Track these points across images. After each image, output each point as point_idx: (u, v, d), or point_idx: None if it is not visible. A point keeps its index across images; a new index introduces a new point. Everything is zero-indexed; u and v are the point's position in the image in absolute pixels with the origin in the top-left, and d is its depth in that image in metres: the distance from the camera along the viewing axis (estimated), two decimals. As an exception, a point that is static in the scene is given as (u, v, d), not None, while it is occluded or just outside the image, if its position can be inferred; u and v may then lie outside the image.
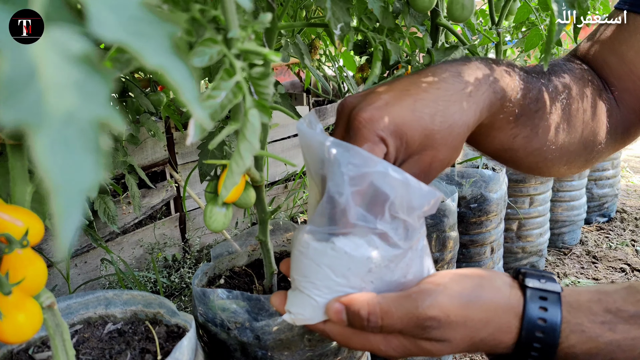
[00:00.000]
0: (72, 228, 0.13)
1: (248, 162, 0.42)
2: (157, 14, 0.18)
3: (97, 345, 0.75)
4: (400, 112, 0.45)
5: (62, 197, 0.13)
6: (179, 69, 0.17)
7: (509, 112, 0.51)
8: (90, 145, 0.14)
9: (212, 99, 0.38)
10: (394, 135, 0.45)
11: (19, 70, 0.13)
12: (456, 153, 0.48)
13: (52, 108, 0.13)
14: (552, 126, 0.55)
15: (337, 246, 0.45)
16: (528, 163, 0.57)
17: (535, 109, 0.53)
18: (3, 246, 0.46)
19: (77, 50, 0.15)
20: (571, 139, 0.57)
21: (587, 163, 0.61)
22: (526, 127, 0.53)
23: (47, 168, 0.13)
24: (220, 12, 0.42)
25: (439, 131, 0.46)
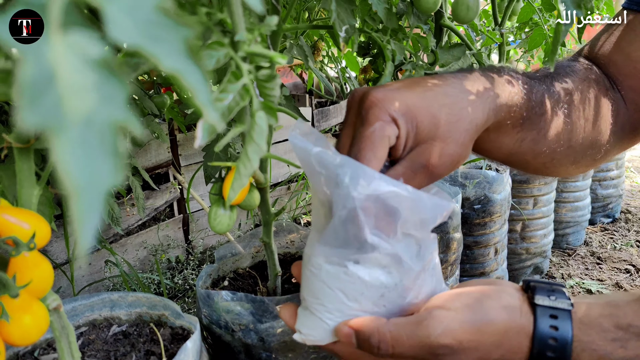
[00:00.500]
0: (92, 230, 0.13)
1: (256, 164, 0.42)
2: (171, 17, 0.18)
3: (102, 347, 0.75)
4: (412, 97, 0.45)
5: (82, 199, 0.13)
6: (194, 72, 0.18)
7: (515, 117, 0.51)
8: (109, 148, 0.14)
9: (219, 102, 0.38)
10: (405, 117, 0.45)
11: (38, 75, 0.13)
12: (464, 151, 0.48)
13: (71, 111, 0.13)
14: (558, 128, 0.55)
15: (350, 271, 0.45)
16: (536, 165, 0.57)
17: (540, 112, 0.53)
18: (10, 249, 0.46)
19: (94, 54, 0.15)
20: (577, 139, 0.57)
21: (594, 162, 0.61)
22: (532, 131, 0.53)
23: (67, 170, 0.13)
24: (227, 15, 0.42)
25: (446, 123, 0.46)
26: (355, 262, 0.45)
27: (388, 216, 0.43)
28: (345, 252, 0.45)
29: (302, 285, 0.50)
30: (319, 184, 0.45)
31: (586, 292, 1.76)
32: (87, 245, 0.13)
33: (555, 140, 0.55)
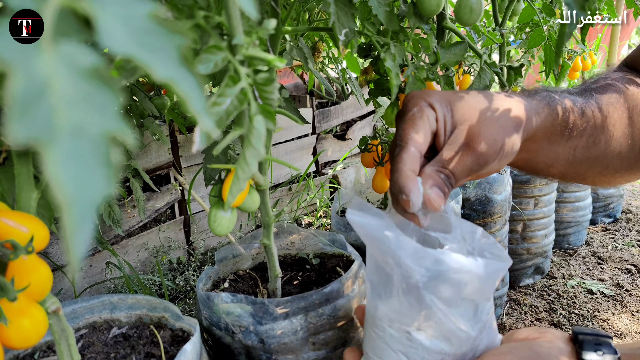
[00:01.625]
0: (84, 241, 0.13)
1: (254, 168, 0.42)
2: (165, 25, 0.18)
3: (102, 349, 0.75)
4: (447, 93, 0.50)
5: (74, 211, 0.13)
6: (187, 80, 0.17)
7: (562, 125, 0.55)
8: (101, 159, 0.14)
9: (217, 106, 0.38)
10: (441, 102, 0.49)
11: (30, 86, 0.13)
12: (505, 135, 0.48)
13: (62, 122, 0.13)
14: (606, 134, 0.58)
15: (413, 337, 0.48)
16: (593, 174, 0.60)
17: (585, 120, 0.56)
18: (8, 252, 0.46)
19: (86, 64, 0.15)
20: (628, 147, 0.59)
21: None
22: (581, 138, 0.56)
23: (59, 182, 0.13)
24: (225, 18, 0.42)
25: (482, 112, 0.48)
26: (418, 329, 0.48)
27: (450, 287, 0.46)
28: (408, 319, 0.48)
29: (365, 342, 0.54)
30: (379, 252, 0.47)
31: (587, 292, 1.76)
32: (78, 256, 0.13)
33: (605, 147, 0.58)
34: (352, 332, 0.84)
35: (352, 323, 0.83)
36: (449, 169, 0.48)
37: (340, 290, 0.81)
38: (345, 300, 0.82)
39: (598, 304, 1.70)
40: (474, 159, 0.47)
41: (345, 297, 0.82)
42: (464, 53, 0.69)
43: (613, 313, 1.64)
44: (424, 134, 0.47)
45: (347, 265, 0.97)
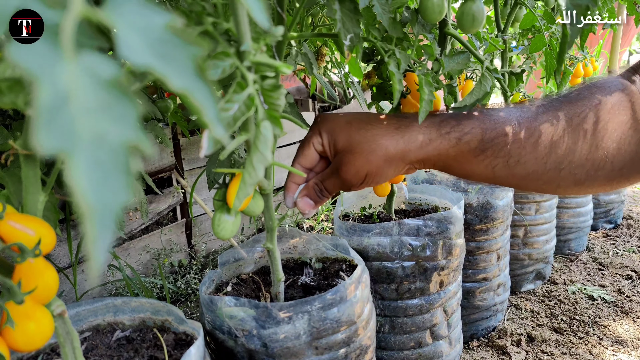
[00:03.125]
0: (105, 247, 0.13)
1: (261, 174, 0.42)
2: (181, 36, 0.18)
3: (105, 352, 0.76)
4: (339, 121, 0.63)
5: (95, 218, 0.13)
6: (202, 91, 0.18)
7: (468, 148, 0.61)
8: (121, 167, 0.14)
9: (225, 112, 0.38)
10: (327, 133, 0.63)
11: (53, 97, 0.14)
12: (372, 169, 0.61)
13: (84, 132, 0.14)
14: (535, 153, 0.60)
15: None
16: (529, 187, 0.63)
17: (502, 142, 0.60)
18: (15, 255, 0.47)
19: (107, 74, 0.15)
20: (569, 161, 0.60)
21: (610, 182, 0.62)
22: (498, 158, 0.61)
23: (81, 191, 0.13)
24: (233, 25, 0.42)
25: (358, 141, 0.61)
26: None
27: None
28: None
29: None
30: None
31: (588, 298, 1.76)
32: (100, 263, 0.13)
33: (534, 164, 0.60)
34: (354, 337, 0.84)
35: (354, 327, 0.84)
36: (324, 185, 0.65)
37: (343, 294, 0.81)
38: (348, 305, 0.82)
39: (599, 310, 1.70)
40: (341, 182, 0.63)
41: (348, 302, 0.82)
42: (467, 62, 0.69)
43: (614, 319, 1.64)
44: (307, 155, 0.65)
45: (350, 270, 0.97)
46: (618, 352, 1.47)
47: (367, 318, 0.88)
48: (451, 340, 1.25)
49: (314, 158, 0.65)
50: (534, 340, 1.52)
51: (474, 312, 1.51)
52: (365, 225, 1.14)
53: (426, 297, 1.16)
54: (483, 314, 1.53)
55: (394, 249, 1.11)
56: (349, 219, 1.28)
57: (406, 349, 1.19)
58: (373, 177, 0.62)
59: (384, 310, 1.17)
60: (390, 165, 0.61)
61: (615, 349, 1.49)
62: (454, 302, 1.24)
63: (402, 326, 1.17)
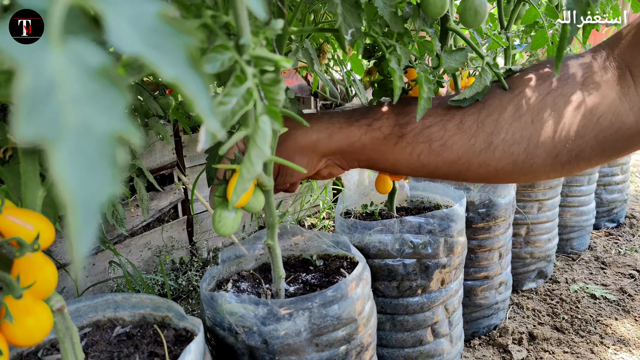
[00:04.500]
0: (88, 241, 0.13)
1: (259, 169, 0.42)
2: (173, 25, 0.18)
3: (105, 348, 0.76)
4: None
5: (78, 210, 0.13)
6: (194, 81, 0.17)
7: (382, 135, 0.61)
8: (108, 159, 0.14)
9: (223, 106, 0.38)
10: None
11: (38, 84, 0.13)
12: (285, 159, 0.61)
13: (70, 121, 0.13)
14: (462, 139, 0.58)
15: None
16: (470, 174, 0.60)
17: (423, 125, 0.59)
18: (14, 250, 0.46)
19: (95, 63, 0.15)
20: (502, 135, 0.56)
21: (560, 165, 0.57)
22: (420, 144, 0.59)
23: (64, 181, 0.13)
24: (232, 18, 0.42)
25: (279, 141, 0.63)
26: None
27: None
28: None
29: None
30: None
31: (590, 297, 1.76)
32: (82, 256, 0.13)
33: (462, 146, 0.57)
34: (355, 334, 0.84)
35: (355, 325, 0.83)
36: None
37: (344, 291, 0.81)
38: (349, 302, 0.81)
39: (601, 308, 1.69)
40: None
41: (349, 299, 0.82)
42: (464, 60, 0.69)
43: (616, 318, 1.63)
44: None
45: (351, 267, 0.96)
46: (620, 351, 1.47)
47: (368, 315, 0.88)
48: (452, 339, 1.25)
49: None
50: (536, 338, 1.52)
51: (476, 311, 1.51)
52: (366, 223, 1.13)
53: (427, 295, 1.15)
54: (484, 312, 1.52)
55: (395, 247, 1.11)
56: (350, 216, 1.28)
57: (407, 347, 1.19)
58: (285, 169, 0.65)
59: (385, 308, 1.17)
60: (302, 157, 0.63)
61: (617, 347, 1.48)
62: (455, 300, 1.23)
63: (403, 324, 1.17)
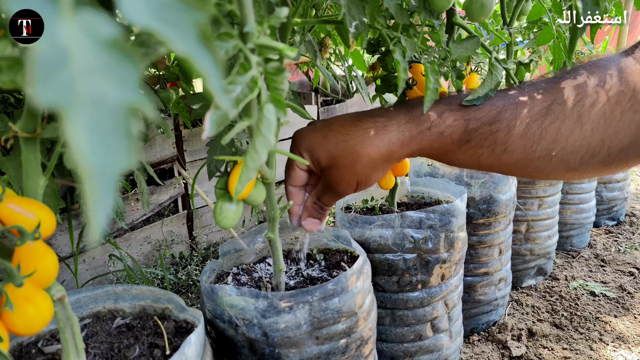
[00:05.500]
0: (105, 211, 0.13)
1: (264, 158, 0.42)
2: (184, 0, 0.17)
3: (105, 339, 0.75)
4: (316, 137, 0.62)
5: (96, 179, 0.13)
6: (206, 57, 0.17)
7: (451, 141, 0.60)
8: (122, 130, 0.14)
9: (228, 94, 0.38)
10: (308, 152, 0.62)
11: (52, 53, 0.13)
12: (361, 177, 0.61)
13: (83, 91, 0.13)
14: (523, 141, 0.58)
15: None
16: (519, 172, 0.62)
17: (490, 130, 0.58)
18: (15, 238, 0.46)
19: (107, 34, 0.15)
20: (560, 147, 0.57)
21: (605, 167, 0.59)
22: (483, 148, 0.59)
23: (80, 149, 0.13)
24: (236, 6, 0.42)
25: (339, 155, 0.60)
26: None
27: None
28: None
29: None
30: None
31: (590, 294, 1.76)
32: (99, 228, 0.13)
33: (522, 152, 0.58)
34: (355, 328, 0.84)
35: (355, 318, 0.83)
36: (322, 202, 0.66)
37: (344, 285, 0.81)
38: (349, 296, 0.81)
39: (600, 306, 1.69)
40: (335, 194, 0.64)
41: (349, 292, 0.81)
42: (476, 48, 0.68)
43: (615, 315, 1.63)
44: (295, 177, 0.66)
45: (352, 261, 0.96)
46: (619, 349, 1.47)
47: (368, 309, 0.88)
48: (452, 334, 1.25)
49: (303, 177, 0.66)
50: (535, 335, 1.52)
51: (475, 306, 1.51)
52: (367, 217, 1.13)
53: (427, 290, 1.15)
54: (484, 308, 1.52)
55: (395, 241, 1.11)
56: (351, 211, 1.28)
57: (406, 342, 1.19)
58: (364, 183, 0.62)
59: (384, 303, 1.17)
60: (378, 169, 0.62)
61: (616, 345, 1.48)
62: (455, 296, 1.23)
63: (402, 318, 1.17)
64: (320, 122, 0.64)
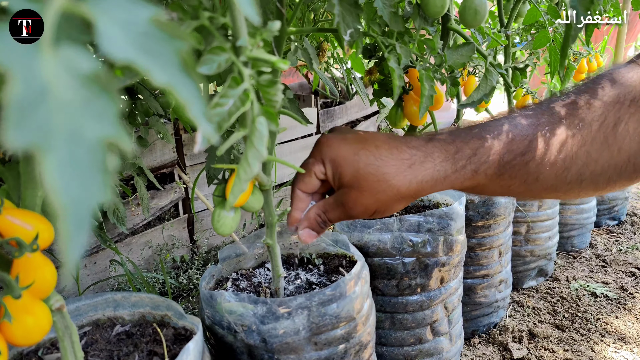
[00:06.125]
0: (79, 246, 0.13)
1: (256, 170, 0.42)
2: (166, 30, 0.18)
3: (105, 347, 0.76)
4: (346, 150, 0.57)
5: (69, 216, 0.13)
6: (187, 85, 0.18)
7: (485, 177, 0.57)
8: (98, 165, 0.14)
9: (219, 107, 0.38)
10: (332, 164, 0.58)
11: (30, 91, 0.13)
12: (381, 206, 0.58)
13: (60, 128, 0.14)
14: (552, 169, 0.56)
15: None
16: (547, 196, 0.60)
17: (519, 162, 0.56)
18: (13, 250, 0.47)
19: (86, 69, 0.15)
20: (587, 169, 0.56)
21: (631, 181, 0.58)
22: (514, 179, 0.57)
23: (54, 188, 0.13)
24: (229, 19, 0.42)
25: (366, 179, 0.56)
26: None
27: None
28: None
29: None
30: None
31: (591, 295, 1.76)
32: (73, 261, 0.13)
33: (554, 179, 0.57)
34: (354, 333, 0.84)
35: (354, 323, 0.84)
36: (327, 216, 0.61)
37: (342, 290, 0.81)
38: (348, 301, 0.82)
39: (601, 306, 1.69)
40: (346, 215, 0.59)
41: (347, 298, 0.82)
42: (471, 54, 0.68)
43: (616, 316, 1.63)
44: (308, 183, 0.60)
45: (350, 266, 0.97)
46: (620, 349, 1.47)
47: (367, 314, 0.88)
48: (452, 337, 1.25)
49: (315, 185, 0.62)
50: (536, 337, 1.52)
51: (476, 309, 1.51)
52: (365, 221, 1.13)
53: (427, 294, 1.16)
54: (484, 310, 1.52)
55: (394, 245, 1.11)
56: (350, 214, 1.28)
57: (406, 345, 1.19)
58: (382, 213, 0.59)
59: (384, 306, 1.17)
60: (401, 203, 0.59)
61: (617, 345, 1.48)
62: (455, 299, 1.24)
63: (402, 322, 1.17)
64: (350, 134, 0.60)
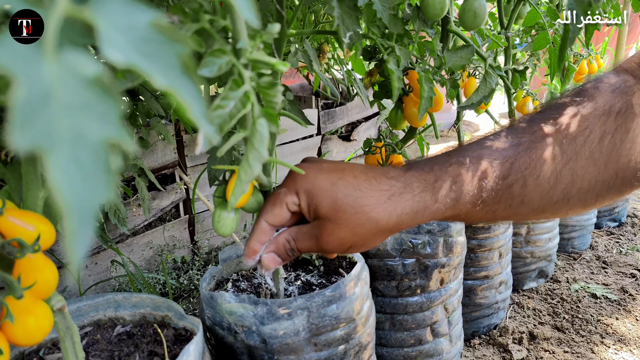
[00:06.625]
0: (83, 246, 0.14)
1: (256, 171, 0.42)
2: (166, 33, 0.18)
3: (106, 347, 0.76)
4: (322, 181, 0.54)
5: (73, 216, 0.13)
6: (188, 88, 0.18)
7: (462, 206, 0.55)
8: (102, 166, 0.14)
9: (221, 109, 0.38)
10: (307, 195, 0.54)
11: (33, 95, 0.14)
12: (358, 240, 0.54)
13: (64, 130, 0.14)
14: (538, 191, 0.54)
15: None
16: (533, 218, 0.58)
17: (505, 184, 0.54)
18: (15, 251, 0.47)
19: (89, 72, 0.15)
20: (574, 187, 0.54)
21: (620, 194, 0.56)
22: (498, 204, 0.55)
23: (59, 189, 0.13)
24: (229, 22, 0.42)
25: (344, 211, 0.53)
26: None
27: None
28: None
29: None
30: None
31: (591, 296, 1.76)
32: (78, 261, 0.13)
33: (539, 201, 0.54)
34: (354, 334, 0.84)
35: (354, 324, 0.84)
36: (297, 245, 0.57)
37: (342, 291, 0.81)
38: (348, 302, 0.82)
39: (602, 308, 1.69)
40: (318, 248, 0.56)
41: (347, 299, 0.82)
42: (470, 57, 0.69)
43: (617, 317, 1.63)
44: (278, 215, 0.56)
45: (350, 267, 0.97)
46: (620, 351, 1.47)
47: (367, 315, 0.88)
48: (452, 338, 1.25)
49: (285, 217, 0.57)
50: (536, 338, 1.52)
51: (476, 310, 1.51)
52: (366, 223, 1.14)
53: (427, 295, 1.16)
54: (485, 311, 1.53)
55: (394, 246, 1.11)
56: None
57: (406, 346, 1.19)
58: (358, 247, 0.56)
59: (384, 307, 1.17)
60: (379, 237, 0.55)
61: (617, 347, 1.48)
62: (455, 300, 1.24)
63: (402, 323, 1.17)
64: (326, 164, 0.57)
